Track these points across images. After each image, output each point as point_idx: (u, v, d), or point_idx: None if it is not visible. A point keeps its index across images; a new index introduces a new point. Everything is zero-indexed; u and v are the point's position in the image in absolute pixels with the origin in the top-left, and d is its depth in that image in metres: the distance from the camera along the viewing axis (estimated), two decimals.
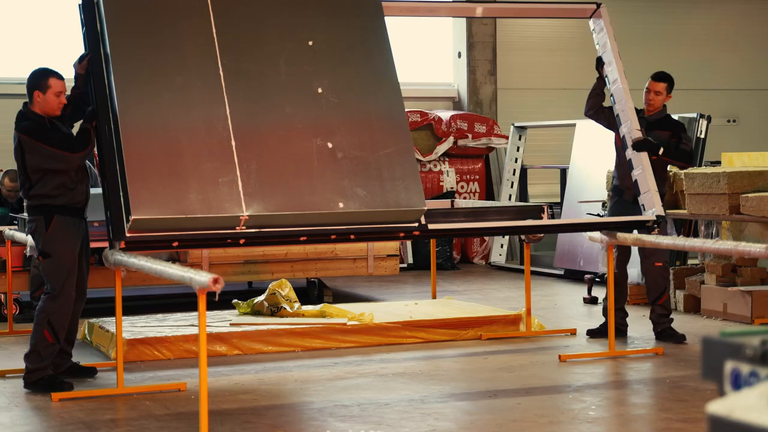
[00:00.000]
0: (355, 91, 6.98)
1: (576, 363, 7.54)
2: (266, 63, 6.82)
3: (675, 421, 5.89)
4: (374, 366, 7.54)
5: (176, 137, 6.44)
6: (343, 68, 7.00)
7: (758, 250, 6.61)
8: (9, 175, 10.51)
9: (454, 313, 8.88)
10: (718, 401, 2.00)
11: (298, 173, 6.59)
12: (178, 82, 6.55)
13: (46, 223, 6.74)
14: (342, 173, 6.68)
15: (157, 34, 6.66)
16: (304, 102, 6.81)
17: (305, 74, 6.87)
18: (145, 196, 6.20)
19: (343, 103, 6.88)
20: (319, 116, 6.79)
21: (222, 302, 8.74)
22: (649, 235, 7.77)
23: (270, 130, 6.70)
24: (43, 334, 6.72)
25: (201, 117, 6.52)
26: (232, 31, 6.78)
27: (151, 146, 6.39)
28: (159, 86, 6.53)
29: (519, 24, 15.65)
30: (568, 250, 12.55)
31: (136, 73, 6.54)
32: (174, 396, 6.63)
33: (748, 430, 1.90)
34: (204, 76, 6.62)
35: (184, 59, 6.63)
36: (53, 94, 6.78)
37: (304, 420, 6.08)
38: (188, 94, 6.56)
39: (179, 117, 6.49)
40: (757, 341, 2.09)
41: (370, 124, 6.92)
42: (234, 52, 6.72)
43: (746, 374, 2.08)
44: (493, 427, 5.80)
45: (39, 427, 5.96)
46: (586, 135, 12.97)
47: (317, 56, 6.93)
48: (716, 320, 9.31)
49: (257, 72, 6.78)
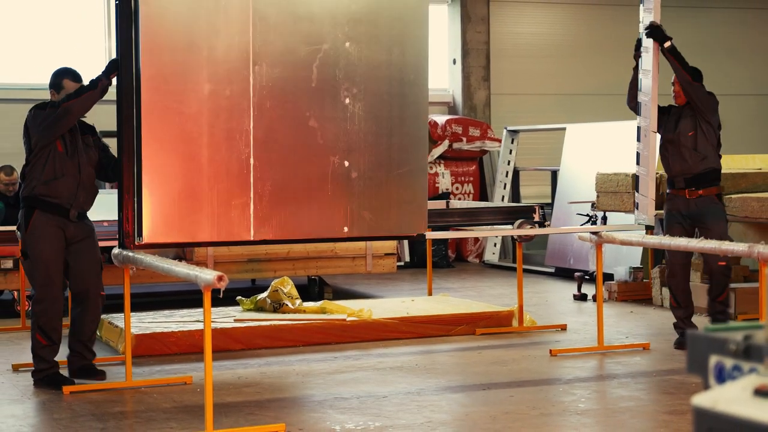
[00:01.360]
0: (382, 102, 6.67)
1: (566, 357, 7.54)
2: (299, 68, 6.42)
3: (661, 413, 5.89)
4: (372, 360, 7.54)
5: (196, 152, 6.21)
6: (375, 76, 6.62)
7: (741, 249, 6.61)
8: (4, 170, 10.59)
9: (449, 310, 8.88)
10: (702, 394, 2.00)
11: (310, 196, 6.49)
12: (206, 90, 6.23)
13: (26, 220, 6.48)
14: (353, 194, 6.55)
15: (191, 36, 6.20)
16: (328, 114, 6.49)
17: (336, 82, 6.50)
18: (157, 218, 6.16)
19: (368, 115, 6.59)
20: (341, 131, 6.52)
21: (226, 299, 8.69)
22: (636, 235, 7.79)
23: (290, 147, 6.41)
24: (35, 337, 6.55)
25: (224, 131, 6.24)
26: (270, 35, 6.34)
27: (171, 160, 6.16)
28: (186, 94, 6.18)
29: (511, 32, 15.65)
30: (559, 248, 12.56)
31: (163, 80, 6.15)
32: (180, 389, 6.63)
33: (731, 422, 1.91)
34: (234, 83, 6.25)
35: (216, 66, 6.23)
36: (66, 96, 6.50)
37: (306, 412, 6.07)
38: (215, 104, 6.22)
39: (202, 129, 6.21)
40: (740, 336, 2.10)
41: (390, 140, 6.66)
42: (268, 57, 6.33)
43: (730, 368, 2.08)
44: (486, 418, 5.79)
45: (50, 419, 5.96)
46: (576, 138, 12.98)
47: (352, 62, 6.55)
48: (701, 316, 9.31)
49: (288, 79, 6.39)
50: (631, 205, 9.65)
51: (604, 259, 8.08)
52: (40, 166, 6.45)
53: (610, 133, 12.49)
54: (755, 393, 1.93)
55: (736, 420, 1.89)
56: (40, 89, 13.17)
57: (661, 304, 9.94)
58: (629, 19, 16.31)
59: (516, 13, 15.76)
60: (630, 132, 12.08)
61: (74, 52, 13.50)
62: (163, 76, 6.14)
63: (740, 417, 1.89)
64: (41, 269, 6.47)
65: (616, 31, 16.18)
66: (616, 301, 10.27)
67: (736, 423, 1.89)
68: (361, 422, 5.73)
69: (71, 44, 13.54)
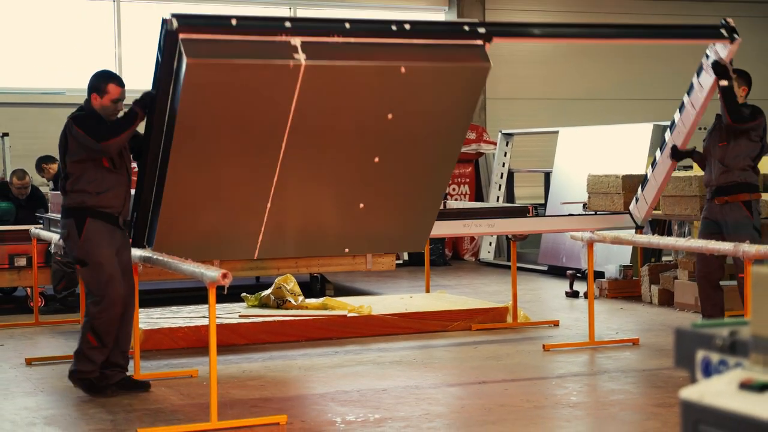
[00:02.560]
0: (411, 167, 6.38)
1: (559, 352, 7.54)
2: (336, 127, 6.08)
3: (650, 405, 5.89)
4: (372, 355, 7.53)
5: (218, 191, 6.09)
6: (411, 143, 6.29)
7: (726, 248, 6.61)
8: (17, 174, 10.67)
9: (446, 306, 8.87)
10: (690, 387, 2.00)
11: (318, 228, 6.47)
12: (241, 139, 5.94)
13: (78, 228, 6.14)
14: (360, 223, 6.48)
15: (234, 81, 5.74)
16: (355, 172, 6.29)
17: (370, 145, 6.21)
18: (173, 237, 6.17)
19: (395, 170, 6.36)
20: (366, 183, 6.34)
21: (231, 296, 8.69)
22: (626, 235, 7.80)
23: (308, 194, 6.28)
24: (87, 337, 6.19)
25: (248, 178, 6.06)
26: (314, 90, 5.86)
27: (194, 190, 6.02)
28: (218, 137, 5.90)
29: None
30: (552, 247, 12.55)
31: (199, 120, 5.80)
32: (187, 382, 6.62)
33: (717, 414, 1.90)
34: (268, 132, 5.95)
35: (255, 112, 5.87)
36: (110, 100, 6.14)
37: (308, 405, 6.07)
38: (245, 147, 5.97)
39: (230, 171, 6.01)
40: (726, 332, 2.09)
41: (408, 189, 6.49)
42: (307, 111, 5.91)
43: (716, 363, 2.08)
44: (481, 411, 5.79)
45: (62, 411, 5.95)
46: (568, 141, 12.97)
47: (391, 130, 6.18)
48: (688, 313, 9.30)
49: (322, 135, 6.09)
50: (621, 206, 9.65)
51: (595, 258, 8.07)
52: (87, 180, 6.12)
53: (601, 137, 12.49)
54: (740, 386, 1.93)
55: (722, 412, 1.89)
56: (50, 93, 13.24)
57: (650, 301, 9.94)
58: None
59: (510, 20, 15.75)
60: (620, 135, 12.12)
61: (84, 57, 13.51)
62: (199, 128, 5.85)
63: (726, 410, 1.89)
64: (102, 271, 6.13)
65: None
66: (607, 298, 10.27)
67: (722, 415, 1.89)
68: (361, 414, 5.72)
69: (81, 49, 13.54)
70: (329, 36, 5.91)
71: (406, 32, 6.10)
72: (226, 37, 5.72)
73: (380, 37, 6.09)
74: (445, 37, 6.24)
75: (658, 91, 16.44)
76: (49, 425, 5.64)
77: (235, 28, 5.75)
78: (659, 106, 15.88)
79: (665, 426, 5.38)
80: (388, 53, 6.05)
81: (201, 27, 5.70)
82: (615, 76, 16.36)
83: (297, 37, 5.82)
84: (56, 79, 13.44)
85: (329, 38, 5.91)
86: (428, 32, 6.23)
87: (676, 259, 10.06)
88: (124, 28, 13.70)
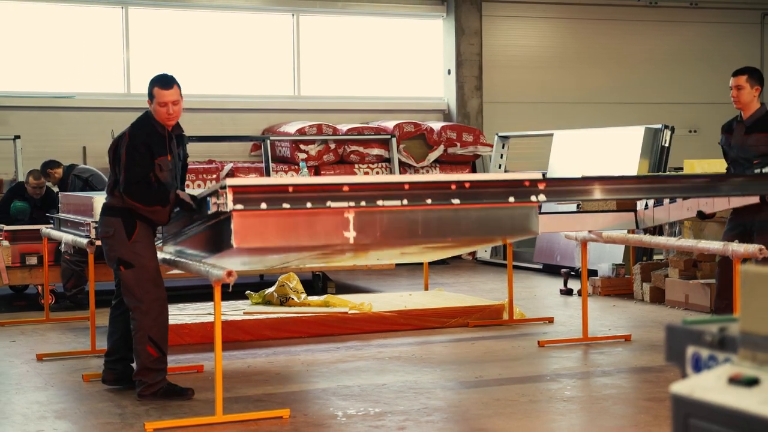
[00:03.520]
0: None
1: (553, 348, 7.54)
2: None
3: (642, 399, 5.89)
4: (372, 351, 7.53)
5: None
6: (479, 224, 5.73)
7: (716, 247, 6.61)
8: (33, 174, 10.62)
9: (444, 304, 8.87)
10: (680, 382, 2.00)
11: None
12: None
13: (127, 230, 5.89)
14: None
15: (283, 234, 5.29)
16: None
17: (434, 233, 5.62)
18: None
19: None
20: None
21: (236, 293, 8.71)
22: (619, 234, 7.79)
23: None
24: (146, 350, 5.92)
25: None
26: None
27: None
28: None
29: (502, 44, 15.64)
30: (547, 246, 12.55)
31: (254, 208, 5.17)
32: (193, 377, 6.62)
33: (707, 408, 1.91)
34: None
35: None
36: (159, 105, 5.84)
37: (310, 399, 6.07)
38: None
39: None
40: (716, 329, 2.10)
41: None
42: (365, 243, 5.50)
43: (705, 358, 2.08)
44: (478, 405, 5.79)
45: (72, 405, 5.95)
46: (563, 144, 12.97)
47: (456, 218, 5.61)
48: (679, 310, 9.31)
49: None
50: (614, 207, 9.62)
51: (588, 257, 8.07)
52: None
53: (595, 139, 12.49)
54: (729, 381, 1.93)
55: (712, 406, 1.89)
56: (61, 97, 13.23)
57: (641, 298, 9.94)
58: (612, 32, 16.35)
59: (507, 26, 15.75)
60: (613, 138, 12.12)
61: (93, 62, 13.51)
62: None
63: (715, 403, 1.89)
64: (151, 274, 5.92)
65: (600, 43, 16.20)
66: (600, 296, 10.26)
67: (711, 409, 1.89)
68: (362, 408, 5.72)
69: (91, 54, 13.53)
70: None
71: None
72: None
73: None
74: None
75: (650, 95, 16.44)
76: (59, 419, 5.64)
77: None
78: (651, 110, 15.88)
79: (656, 419, 5.38)
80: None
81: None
82: (608, 81, 16.35)
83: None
84: (67, 83, 13.44)
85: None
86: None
87: (667, 257, 10.07)
88: (132, 34, 13.70)
